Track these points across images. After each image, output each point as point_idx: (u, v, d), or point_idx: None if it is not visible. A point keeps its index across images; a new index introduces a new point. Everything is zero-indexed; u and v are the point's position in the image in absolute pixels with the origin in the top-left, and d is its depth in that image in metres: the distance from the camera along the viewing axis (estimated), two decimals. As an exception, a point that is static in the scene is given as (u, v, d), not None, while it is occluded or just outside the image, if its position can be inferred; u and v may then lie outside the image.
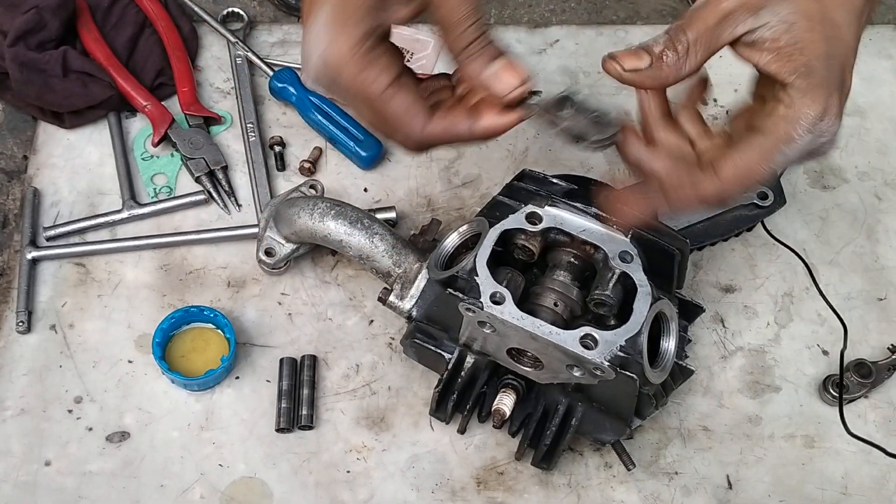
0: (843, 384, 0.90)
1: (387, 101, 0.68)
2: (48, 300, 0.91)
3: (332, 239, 0.86)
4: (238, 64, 1.04)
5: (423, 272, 0.84)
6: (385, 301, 0.84)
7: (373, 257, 0.85)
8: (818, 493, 0.87)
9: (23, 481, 0.83)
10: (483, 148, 1.02)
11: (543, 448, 0.82)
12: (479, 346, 0.81)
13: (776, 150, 0.67)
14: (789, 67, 0.66)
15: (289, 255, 0.90)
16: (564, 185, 0.83)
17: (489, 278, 0.76)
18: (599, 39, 1.10)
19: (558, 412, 0.81)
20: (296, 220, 0.86)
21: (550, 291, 0.79)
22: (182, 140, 0.99)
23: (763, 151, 0.67)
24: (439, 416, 0.86)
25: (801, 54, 0.66)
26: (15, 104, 1.01)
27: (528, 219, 0.79)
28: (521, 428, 0.85)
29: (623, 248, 0.78)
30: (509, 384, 0.83)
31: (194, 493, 0.84)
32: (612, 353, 0.74)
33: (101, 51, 1.00)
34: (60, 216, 0.96)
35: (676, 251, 0.81)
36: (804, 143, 0.66)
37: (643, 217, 0.76)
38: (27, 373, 0.88)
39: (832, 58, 0.67)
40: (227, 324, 0.88)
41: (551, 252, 0.81)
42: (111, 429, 0.86)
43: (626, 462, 0.85)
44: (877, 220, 1.01)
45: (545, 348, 0.76)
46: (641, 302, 0.76)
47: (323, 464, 0.86)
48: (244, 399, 0.88)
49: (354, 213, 0.86)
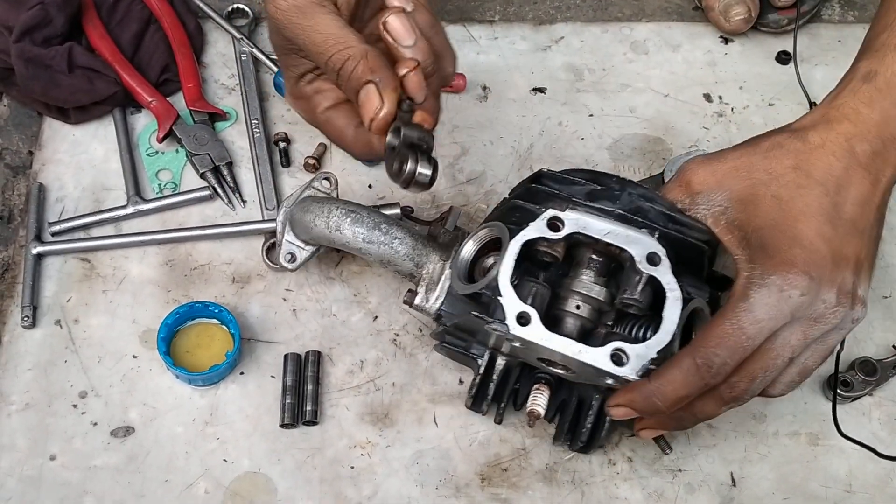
0: (848, 382, 0.90)
1: (322, 125, 0.81)
2: (53, 295, 0.92)
3: (350, 247, 0.84)
4: (243, 60, 1.04)
5: (446, 272, 0.81)
6: (412, 304, 0.83)
7: (394, 262, 0.83)
8: (822, 491, 0.87)
9: (28, 476, 0.84)
10: (488, 144, 1.02)
11: (582, 437, 0.82)
12: (509, 350, 0.80)
13: (736, 308, 0.70)
14: (734, 241, 0.74)
15: (311, 257, 0.88)
16: (586, 186, 0.79)
17: (514, 297, 0.74)
18: (605, 36, 1.10)
19: (593, 407, 0.80)
20: (312, 229, 0.84)
21: (575, 294, 0.77)
22: (187, 136, 0.99)
23: (722, 313, 0.71)
24: (475, 409, 0.85)
25: (739, 230, 0.73)
26: (20, 100, 1.01)
27: (549, 225, 0.75)
28: (557, 413, 0.84)
29: (651, 249, 0.74)
30: (542, 379, 0.82)
31: (199, 488, 0.84)
32: (644, 367, 0.72)
33: (107, 47, 1.01)
34: (65, 212, 0.96)
35: (704, 245, 0.77)
36: (762, 300, 0.69)
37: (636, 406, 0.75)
38: (32, 367, 0.88)
39: (779, 231, 0.71)
40: (232, 319, 0.88)
41: (575, 248, 0.78)
42: (116, 424, 0.86)
43: (662, 446, 0.84)
44: (882, 218, 1.01)
45: (575, 366, 0.74)
46: (672, 309, 0.73)
47: (327, 459, 0.86)
48: (248, 395, 0.88)
49: (371, 217, 0.83)
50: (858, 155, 0.72)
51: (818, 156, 0.72)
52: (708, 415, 0.75)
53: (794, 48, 1.06)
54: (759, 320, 0.69)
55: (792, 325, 0.71)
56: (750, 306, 0.69)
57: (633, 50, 1.10)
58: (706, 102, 1.07)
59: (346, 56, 0.71)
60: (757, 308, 0.69)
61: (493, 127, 1.03)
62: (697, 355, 0.70)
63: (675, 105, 1.06)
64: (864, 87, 0.74)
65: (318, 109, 0.80)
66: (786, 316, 0.70)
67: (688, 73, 1.09)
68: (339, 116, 0.79)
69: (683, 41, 1.11)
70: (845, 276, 0.71)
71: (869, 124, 0.73)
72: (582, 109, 1.05)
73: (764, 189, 0.72)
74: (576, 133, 1.04)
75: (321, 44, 0.71)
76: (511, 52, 1.08)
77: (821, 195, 0.71)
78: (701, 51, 1.10)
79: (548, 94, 1.06)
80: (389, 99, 0.70)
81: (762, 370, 0.71)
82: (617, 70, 1.08)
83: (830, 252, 0.70)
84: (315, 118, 0.81)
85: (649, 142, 1.04)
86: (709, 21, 1.11)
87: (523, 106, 1.05)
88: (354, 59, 0.71)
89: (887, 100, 0.73)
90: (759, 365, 0.71)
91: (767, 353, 0.71)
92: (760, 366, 0.71)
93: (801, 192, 0.71)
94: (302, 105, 0.81)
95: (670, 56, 1.10)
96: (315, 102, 0.80)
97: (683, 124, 1.05)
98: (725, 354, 0.70)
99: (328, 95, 0.80)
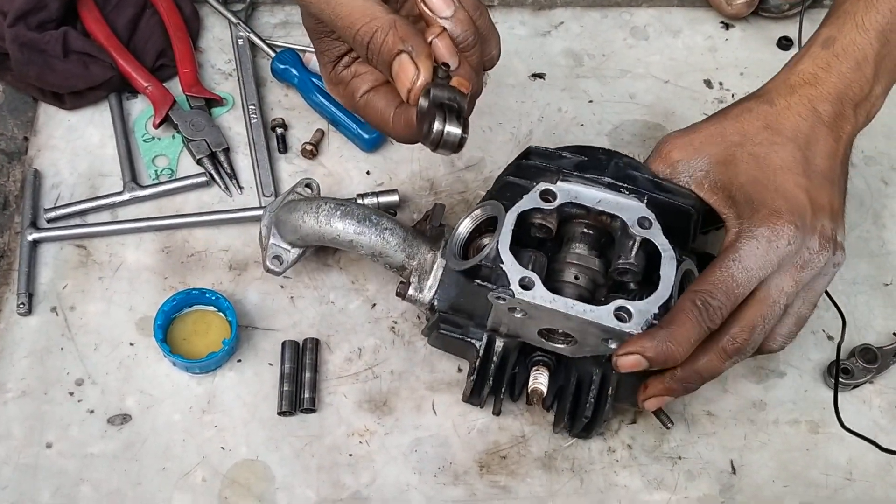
0: (848, 370, 0.90)
1: (360, 109, 0.79)
2: (49, 282, 0.91)
3: (341, 240, 0.83)
4: (240, 45, 1.04)
5: (438, 261, 0.82)
6: (404, 296, 0.82)
7: (386, 253, 0.83)
8: (822, 479, 0.87)
9: (24, 464, 0.83)
10: (487, 130, 1.01)
11: (584, 420, 0.81)
12: (508, 329, 0.80)
13: (726, 258, 0.74)
14: (719, 201, 0.78)
15: (296, 260, 0.88)
16: (573, 158, 0.82)
17: (515, 264, 0.75)
18: (604, 22, 1.10)
19: (594, 383, 0.80)
20: (301, 226, 0.84)
21: (571, 266, 0.78)
22: (183, 122, 0.98)
23: (715, 263, 0.75)
24: (473, 401, 0.86)
25: (722, 190, 0.78)
26: (15, 85, 1.01)
27: (542, 197, 0.78)
28: (555, 401, 0.84)
29: (641, 213, 0.77)
30: (540, 361, 0.82)
31: (196, 476, 0.84)
32: (648, 322, 0.74)
33: (102, 31, 1.00)
34: (61, 198, 0.95)
35: (692, 209, 0.80)
36: (751, 251, 0.73)
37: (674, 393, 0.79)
38: (28, 355, 0.88)
39: (762, 187, 0.76)
40: (229, 306, 0.87)
41: (565, 225, 0.80)
42: (112, 411, 0.86)
43: (664, 421, 0.85)
44: (883, 206, 1.01)
45: (579, 326, 0.75)
46: (668, 266, 0.75)
47: (325, 447, 0.86)
48: (246, 382, 0.88)
49: (360, 210, 0.83)
50: (822, 115, 0.78)
51: (786, 116, 0.79)
52: (712, 371, 0.77)
53: (800, 33, 1.04)
54: (748, 269, 0.73)
55: (781, 273, 0.75)
56: (740, 257, 0.74)
57: (633, 35, 1.09)
58: (707, 88, 1.06)
59: (374, 28, 0.69)
60: (746, 258, 0.73)
61: (492, 113, 1.03)
62: (696, 297, 0.73)
63: (675, 91, 1.06)
64: (822, 53, 0.80)
65: (357, 94, 0.77)
66: (774, 264, 0.74)
67: (688, 58, 1.08)
68: (378, 99, 0.77)
69: (684, 26, 1.10)
70: (824, 223, 0.76)
71: (828, 87, 0.79)
72: (581, 95, 1.05)
73: (740, 150, 0.78)
74: (575, 119, 1.03)
75: (347, 17, 0.69)
76: (510, 37, 1.08)
77: (794, 150, 0.77)
78: (701, 36, 1.10)
79: (547, 79, 1.05)
80: (425, 66, 0.68)
81: (761, 318, 0.75)
82: (617, 56, 1.07)
83: (809, 201, 0.75)
84: (354, 103, 0.78)
85: (649, 128, 1.03)
86: (710, 6, 1.10)
87: (522, 92, 1.04)
88: (383, 29, 0.68)
89: (844, 65, 0.79)
90: (758, 313, 0.75)
91: (764, 301, 0.75)
92: (759, 313, 0.75)
93: (776, 148, 0.77)
94: (340, 91, 0.79)
95: (671, 42, 1.09)
96: (353, 87, 0.78)
97: (684, 110, 1.04)
98: (721, 298, 0.73)
99: (366, 78, 0.77)
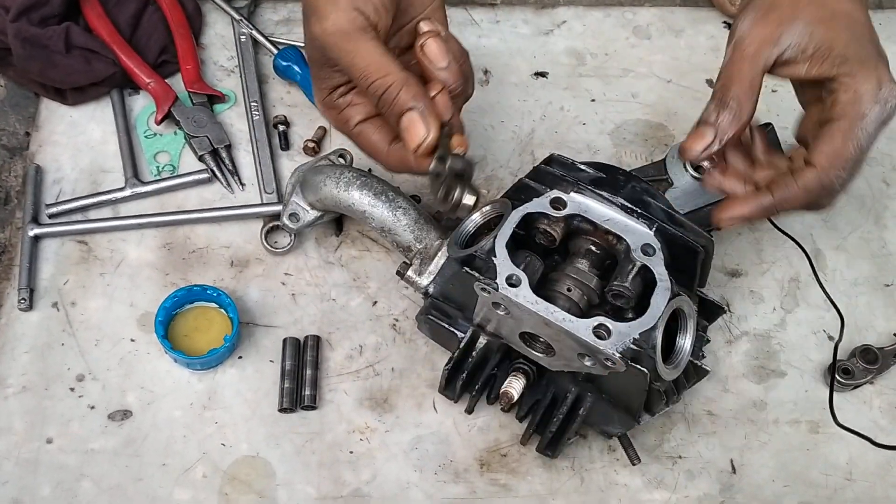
0: (849, 370, 0.90)
1: (355, 137, 0.82)
2: (50, 278, 0.91)
3: (355, 209, 0.86)
4: (242, 42, 1.03)
5: (443, 249, 0.83)
6: (403, 275, 0.84)
7: (395, 230, 0.85)
8: (822, 479, 0.87)
9: (24, 459, 0.83)
10: (489, 129, 1.01)
11: (549, 435, 0.82)
12: (493, 327, 0.80)
13: (855, 127, 0.75)
14: (828, 65, 0.76)
15: (312, 222, 0.90)
16: (592, 173, 0.82)
17: (507, 260, 0.76)
18: (607, 21, 1.10)
19: (567, 400, 0.81)
20: (321, 188, 0.86)
21: (568, 278, 0.78)
22: (185, 118, 0.98)
23: (844, 133, 0.76)
24: (448, 394, 0.86)
25: (830, 51, 0.76)
26: (17, 80, 1.00)
27: (552, 204, 0.78)
28: (529, 413, 0.85)
29: (646, 240, 0.77)
30: (520, 368, 0.82)
31: (196, 472, 0.84)
32: (625, 345, 0.73)
33: (105, 27, 0.99)
34: (63, 193, 0.95)
35: (700, 248, 0.80)
36: (875, 115, 0.75)
37: (753, 217, 0.81)
38: (29, 350, 0.88)
39: (857, 40, 0.77)
40: (231, 303, 0.87)
41: (573, 239, 0.80)
42: (113, 407, 0.86)
43: (631, 456, 0.84)
44: (884, 206, 1.01)
45: (558, 335, 0.75)
46: (659, 296, 0.75)
47: (326, 444, 0.86)
48: (247, 379, 0.88)
49: (380, 185, 0.86)
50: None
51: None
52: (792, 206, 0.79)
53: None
54: (872, 135, 0.76)
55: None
56: (866, 124, 0.75)
57: (635, 35, 1.09)
58: (709, 88, 1.06)
59: (388, 83, 0.75)
60: (871, 124, 0.76)
61: (495, 111, 1.03)
62: (824, 178, 0.76)
63: (677, 91, 1.06)
64: None
65: (352, 122, 0.82)
66: (885, 124, 0.77)
67: (690, 58, 1.08)
68: (372, 131, 0.81)
69: (686, 26, 1.10)
70: (891, 73, 0.77)
71: None
72: (584, 94, 1.05)
73: (832, 4, 0.78)
74: (577, 118, 1.03)
75: (364, 69, 0.75)
76: (513, 35, 1.08)
77: (862, 7, 0.79)
78: (704, 36, 1.10)
79: (549, 78, 1.05)
80: (434, 126, 0.75)
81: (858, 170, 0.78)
82: (619, 55, 1.07)
83: (882, 54, 0.78)
84: (347, 129, 0.82)
85: (651, 127, 1.03)
86: (712, 5, 1.10)
87: (525, 90, 1.04)
88: (397, 85, 0.74)
89: None
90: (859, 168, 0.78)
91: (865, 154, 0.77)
92: (859, 168, 0.78)
93: (853, 4, 0.78)
94: (333, 115, 0.83)
95: (673, 41, 1.09)
96: (347, 115, 0.82)
97: (686, 110, 1.04)
98: (846, 175, 0.76)
99: (360, 109, 0.81)
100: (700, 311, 0.82)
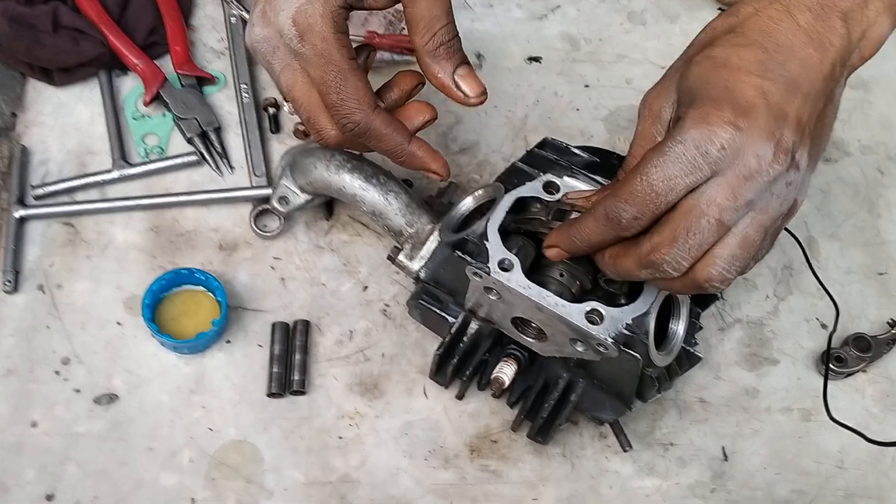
0: (842, 358, 0.89)
1: (349, 73, 0.75)
2: (36, 260, 0.90)
3: (346, 192, 0.85)
4: (232, 24, 1.02)
5: (434, 234, 0.82)
6: (394, 260, 0.83)
7: (386, 214, 0.84)
8: (814, 467, 0.87)
9: (9, 442, 0.82)
10: (482, 114, 1.00)
11: (540, 421, 0.81)
12: (485, 312, 0.79)
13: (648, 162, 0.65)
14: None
15: (302, 205, 0.89)
16: (586, 157, 0.82)
17: (499, 244, 0.75)
18: (601, 6, 1.09)
19: (558, 386, 0.80)
20: (311, 171, 0.86)
21: (560, 263, 0.77)
22: (174, 100, 0.97)
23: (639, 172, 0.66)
24: (438, 380, 0.85)
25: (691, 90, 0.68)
26: (3, 60, 0.99)
27: (545, 188, 0.77)
28: (520, 399, 0.84)
29: None
30: (512, 354, 0.82)
31: (183, 457, 0.83)
32: (618, 330, 0.72)
33: (93, 7, 0.98)
34: (49, 175, 0.94)
35: None
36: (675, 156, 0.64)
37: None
38: (14, 333, 0.86)
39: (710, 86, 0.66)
40: (219, 287, 0.86)
41: None
42: (99, 391, 0.85)
43: (622, 443, 0.84)
44: (878, 195, 1.00)
45: (550, 320, 0.74)
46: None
47: (315, 429, 0.85)
48: (235, 363, 0.87)
49: (371, 168, 0.86)
50: (798, 20, 0.68)
51: (754, 20, 0.69)
52: (627, 271, 0.70)
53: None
54: (670, 177, 0.65)
55: (716, 182, 0.64)
56: (663, 162, 0.65)
57: (630, 20, 1.08)
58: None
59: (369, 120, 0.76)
60: (670, 164, 0.64)
61: (488, 96, 1.01)
62: (607, 206, 0.67)
63: (671, 77, 1.05)
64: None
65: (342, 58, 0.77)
66: (704, 171, 0.64)
67: (685, 44, 1.06)
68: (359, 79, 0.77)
69: (682, 12, 1.09)
70: (784, 133, 0.65)
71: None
72: (577, 80, 1.04)
73: (699, 57, 0.69)
74: (571, 104, 1.02)
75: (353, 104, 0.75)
76: (506, 20, 1.07)
77: (757, 51, 0.67)
78: (699, 22, 1.08)
79: (543, 63, 1.05)
80: None
81: (685, 230, 0.65)
82: (613, 40, 1.07)
83: (766, 105, 0.65)
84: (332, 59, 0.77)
85: (645, 114, 1.02)
86: (708, -8, 1.10)
87: (518, 75, 1.03)
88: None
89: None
90: (682, 224, 0.65)
91: (690, 211, 0.65)
92: (683, 225, 0.65)
93: (737, 49, 0.67)
94: (322, 42, 0.77)
95: (668, 27, 1.08)
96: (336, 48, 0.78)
97: (680, 96, 1.03)
98: (635, 210, 0.66)
99: (350, 49, 0.78)
100: (693, 297, 0.81)
